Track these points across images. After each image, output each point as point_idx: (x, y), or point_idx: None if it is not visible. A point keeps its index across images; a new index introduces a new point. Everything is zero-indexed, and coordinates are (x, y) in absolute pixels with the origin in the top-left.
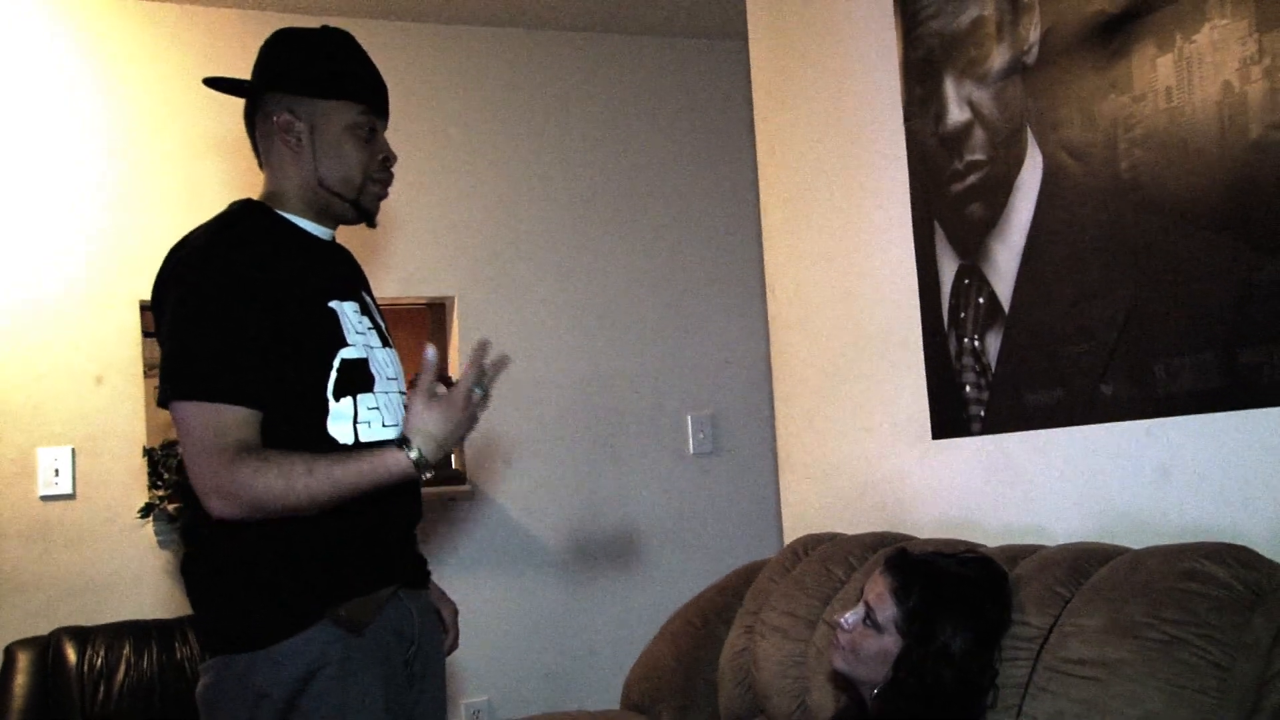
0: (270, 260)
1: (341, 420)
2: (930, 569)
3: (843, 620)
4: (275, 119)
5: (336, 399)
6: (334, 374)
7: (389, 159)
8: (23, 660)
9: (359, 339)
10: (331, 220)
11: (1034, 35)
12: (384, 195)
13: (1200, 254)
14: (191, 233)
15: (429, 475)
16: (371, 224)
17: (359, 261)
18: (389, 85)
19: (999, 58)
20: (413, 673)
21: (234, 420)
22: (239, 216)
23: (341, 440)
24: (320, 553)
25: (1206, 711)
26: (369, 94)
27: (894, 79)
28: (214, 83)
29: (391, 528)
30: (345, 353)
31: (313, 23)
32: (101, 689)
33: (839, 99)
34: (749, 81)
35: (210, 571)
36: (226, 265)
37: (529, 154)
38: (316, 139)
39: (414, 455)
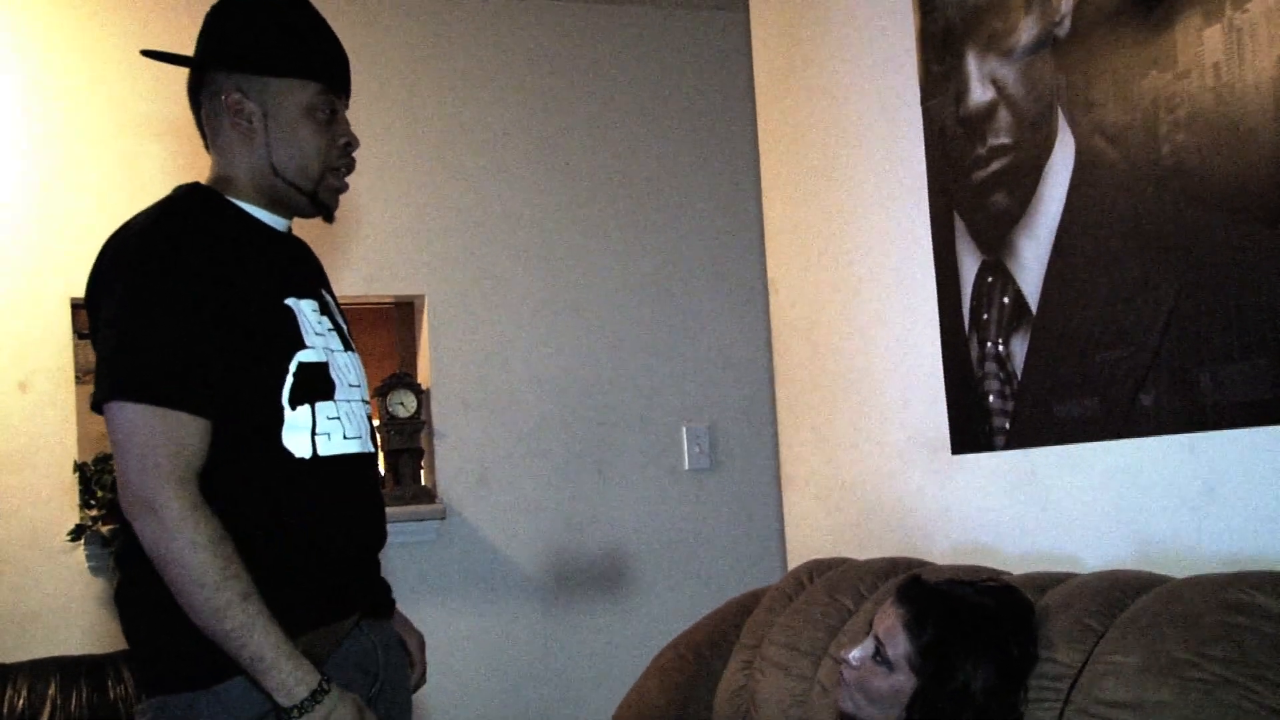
0: (220, 250)
1: (298, 431)
2: (947, 599)
3: (850, 656)
4: (224, 98)
5: (293, 407)
6: (290, 378)
7: (351, 144)
8: None
9: (318, 340)
10: (286, 211)
11: (1066, 5)
12: (343, 188)
13: (1251, 249)
14: (132, 219)
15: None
16: (329, 219)
17: (321, 253)
18: (358, 64)
19: (1027, 30)
20: (376, 712)
21: (187, 432)
22: (185, 202)
23: (298, 453)
24: (274, 580)
25: None
26: (328, 69)
27: (910, 55)
28: (153, 54)
29: (352, 552)
30: (303, 355)
31: None
32: None
33: (848, 77)
34: (750, 57)
35: (147, 601)
36: (173, 255)
37: (509, 136)
38: (270, 122)
39: (298, 715)
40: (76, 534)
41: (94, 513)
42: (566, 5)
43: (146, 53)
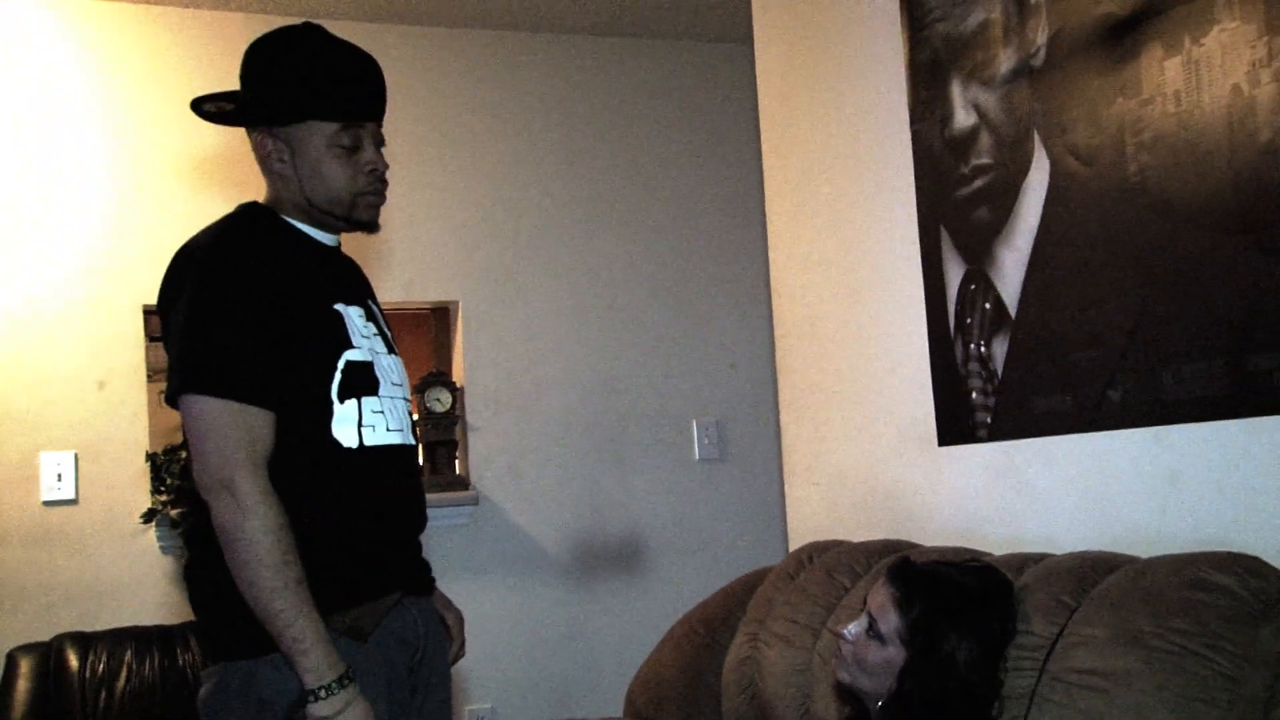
0: (276, 261)
1: (346, 423)
2: (933, 578)
3: (845, 631)
4: (258, 143)
5: (341, 401)
6: (339, 375)
7: (377, 169)
8: (24, 666)
9: (364, 342)
10: (331, 230)
11: (1041, 38)
12: (379, 203)
13: (1209, 259)
14: (199, 234)
15: (318, 699)
16: (371, 231)
17: (364, 264)
18: (397, 91)
19: (1006, 61)
20: (417, 681)
21: (258, 423)
22: (244, 219)
23: (345, 443)
24: (324, 559)
25: None
26: (345, 106)
27: (900, 82)
28: (199, 111)
29: (395, 534)
30: (350, 354)
31: None
32: (103, 695)
33: (844, 102)
34: (754, 85)
35: (213, 577)
36: (238, 264)
37: (534, 158)
38: (298, 161)
39: (324, 695)
40: (148, 517)
41: (164, 498)
42: (587, 39)
43: (197, 110)
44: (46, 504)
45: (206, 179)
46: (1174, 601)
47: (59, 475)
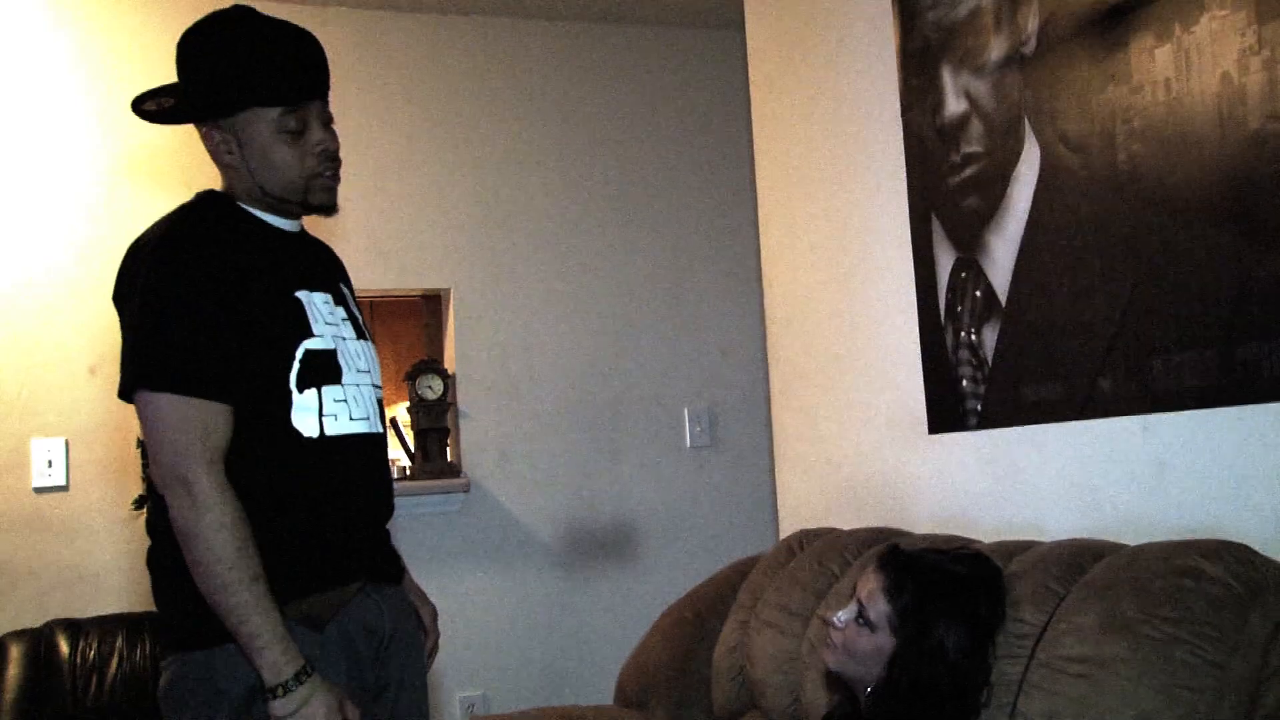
0: (232, 250)
1: (305, 412)
2: (922, 566)
3: (835, 618)
4: (204, 135)
5: (300, 390)
6: (296, 364)
7: (327, 149)
8: (15, 652)
9: (328, 329)
10: (289, 215)
11: (1032, 26)
12: (333, 184)
13: (1198, 248)
14: (153, 225)
15: (276, 696)
16: (329, 214)
17: (355, 251)
18: (390, 78)
19: (997, 48)
20: (388, 671)
21: (214, 418)
22: (199, 209)
23: (306, 433)
24: (282, 548)
25: (1202, 710)
26: (284, 89)
27: (891, 70)
28: (140, 111)
29: (357, 523)
30: (310, 343)
31: (309, 14)
32: (94, 681)
33: (836, 90)
34: (746, 72)
35: (169, 568)
36: (190, 256)
37: (525, 145)
38: (245, 150)
39: (281, 694)
40: (139, 503)
41: (147, 484)
42: (581, 26)
43: (136, 109)
44: (37, 490)
45: (198, 163)
46: (1162, 589)
47: (50, 461)
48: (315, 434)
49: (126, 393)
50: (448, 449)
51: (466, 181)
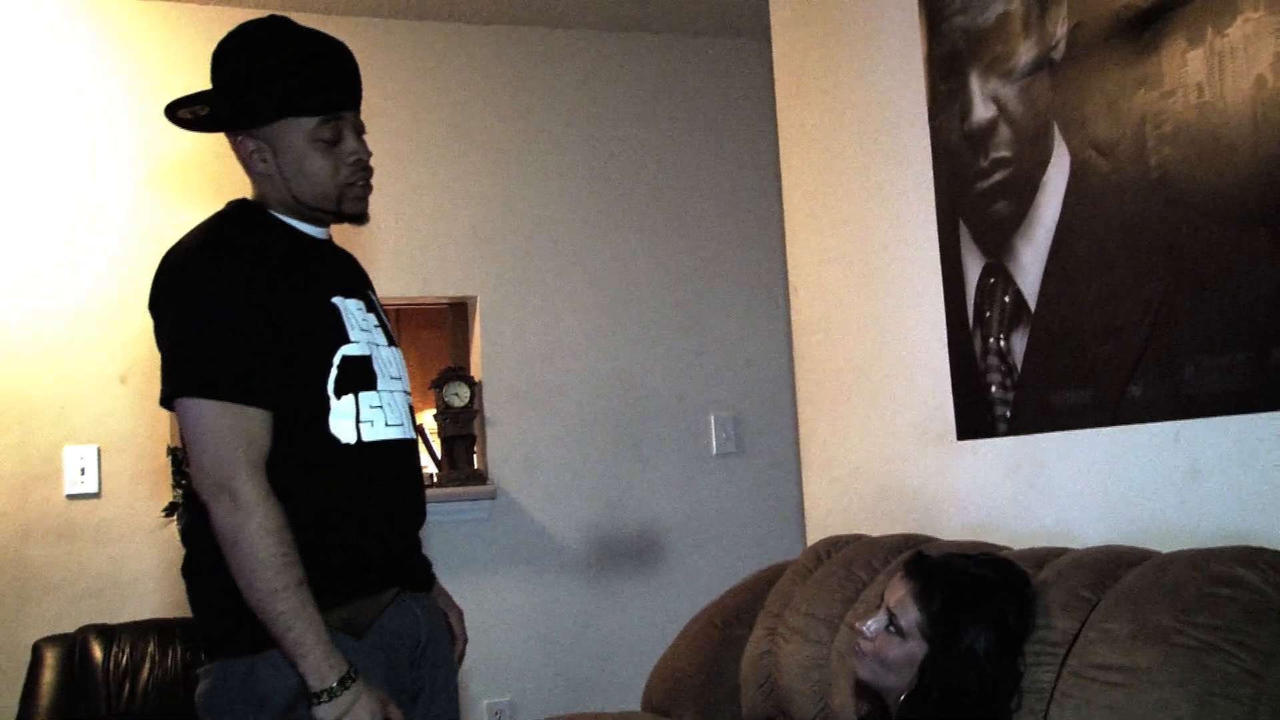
0: (267, 258)
1: (344, 418)
2: (950, 571)
3: (864, 628)
4: (238, 144)
5: (338, 396)
6: (335, 370)
7: (360, 159)
8: (50, 657)
9: (363, 336)
10: (320, 223)
11: (1061, 30)
12: (366, 193)
13: (1230, 251)
14: (188, 234)
15: (321, 702)
16: (361, 223)
17: (381, 260)
18: (414, 87)
19: (1025, 54)
20: (422, 677)
21: (255, 424)
22: (234, 217)
23: (344, 439)
24: (321, 555)
25: (1238, 719)
26: (319, 99)
27: (918, 76)
28: (174, 118)
29: (393, 529)
30: (347, 349)
31: (337, 24)
32: (127, 686)
33: (862, 96)
34: (772, 80)
35: (210, 575)
36: (228, 263)
37: (551, 154)
38: (280, 159)
39: (326, 699)
40: (170, 510)
41: (185, 492)
42: (605, 34)
43: (170, 116)
44: (70, 497)
45: (228, 175)
46: (1196, 596)
47: (82, 469)
48: (353, 440)
49: (168, 400)
50: (474, 456)
51: (492, 190)
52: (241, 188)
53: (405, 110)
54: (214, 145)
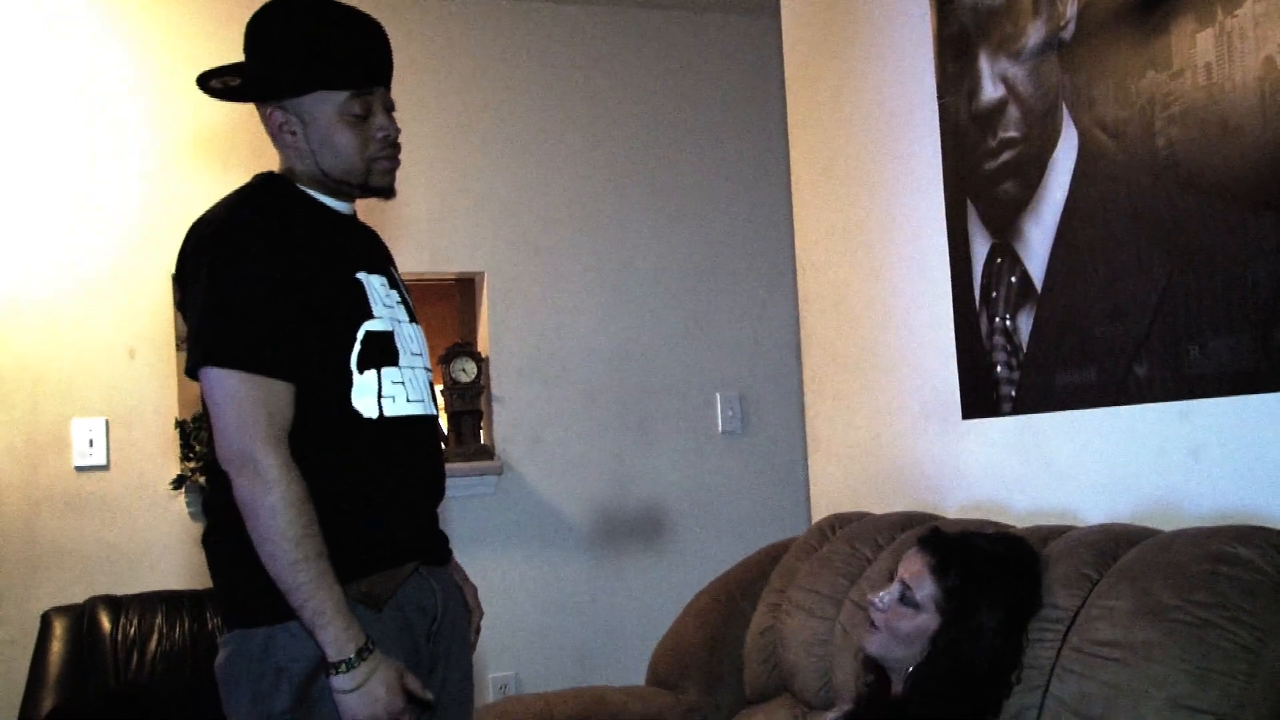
0: (293, 231)
1: (366, 394)
2: (966, 547)
3: (876, 600)
4: (267, 116)
5: (360, 371)
6: (358, 345)
7: (389, 135)
8: (58, 628)
9: (386, 312)
10: (347, 198)
11: (1071, 11)
12: (394, 169)
13: (1237, 233)
14: (215, 206)
15: (339, 672)
16: (388, 198)
17: (390, 235)
18: (423, 63)
19: (1034, 34)
20: (437, 651)
21: (279, 395)
22: (261, 190)
23: (366, 414)
24: (341, 528)
25: (1235, 695)
26: (352, 73)
27: (927, 55)
28: (206, 88)
29: (413, 504)
30: (370, 325)
31: None
32: (135, 657)
33: (871, 76)
34: (781, 58)
35: (231, 545)
36: (256, 235)
37: (559, 129)
38: (309, 131)
39: (344, 669)
40: (178, 483)
41: (192, 465)
42: (613, 10)
43: (202, 85)
44: (79, 469)
45: (237, 150)
46: (1196, 574)
47: (90, 441)
48: (375, 415)
49: (193, 370)
50: (481, 432)
51: (500, 166)
52: (254, 162)
53: (412, 86)
54: (225, 118)
